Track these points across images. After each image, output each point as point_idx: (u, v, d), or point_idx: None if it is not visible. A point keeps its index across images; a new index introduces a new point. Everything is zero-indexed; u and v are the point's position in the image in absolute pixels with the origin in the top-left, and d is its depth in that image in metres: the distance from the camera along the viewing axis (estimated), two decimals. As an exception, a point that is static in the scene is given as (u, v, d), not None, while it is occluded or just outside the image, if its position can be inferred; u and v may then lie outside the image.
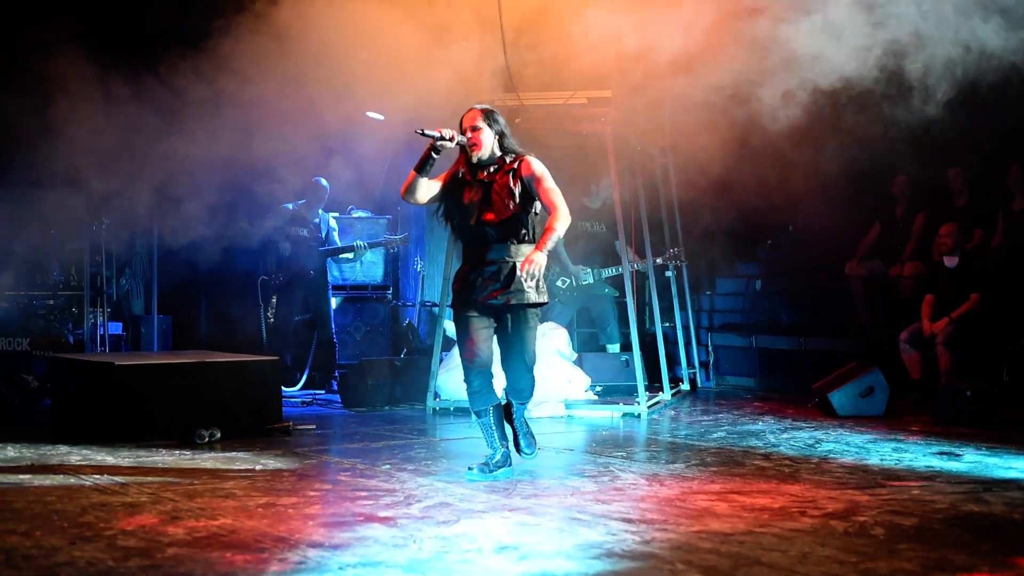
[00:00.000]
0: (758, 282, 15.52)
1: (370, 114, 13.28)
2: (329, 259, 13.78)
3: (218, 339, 14.19)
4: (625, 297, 11.89)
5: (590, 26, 10.88)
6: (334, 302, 14.05)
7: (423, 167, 7.81)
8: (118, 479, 7.67)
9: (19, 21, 11.78)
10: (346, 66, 11.21)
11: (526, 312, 7.93)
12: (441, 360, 11.82)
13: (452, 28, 11.22)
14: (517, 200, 7.75)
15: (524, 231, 7.80)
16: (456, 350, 11.71)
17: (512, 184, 7.76)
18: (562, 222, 7.58)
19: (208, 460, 8.56)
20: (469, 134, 7.82)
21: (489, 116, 7.89)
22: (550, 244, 7.50)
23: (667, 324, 13.77)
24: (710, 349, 14.80)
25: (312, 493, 7.25)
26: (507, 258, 7.76)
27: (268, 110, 11.63)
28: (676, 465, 8.39)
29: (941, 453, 8.83)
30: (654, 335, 12.96)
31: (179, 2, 11.68)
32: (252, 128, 11.64)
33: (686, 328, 14.24)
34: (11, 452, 8.81)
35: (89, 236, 12.98)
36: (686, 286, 14.43)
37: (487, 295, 7.79)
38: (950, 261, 11.65)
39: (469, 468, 7.87)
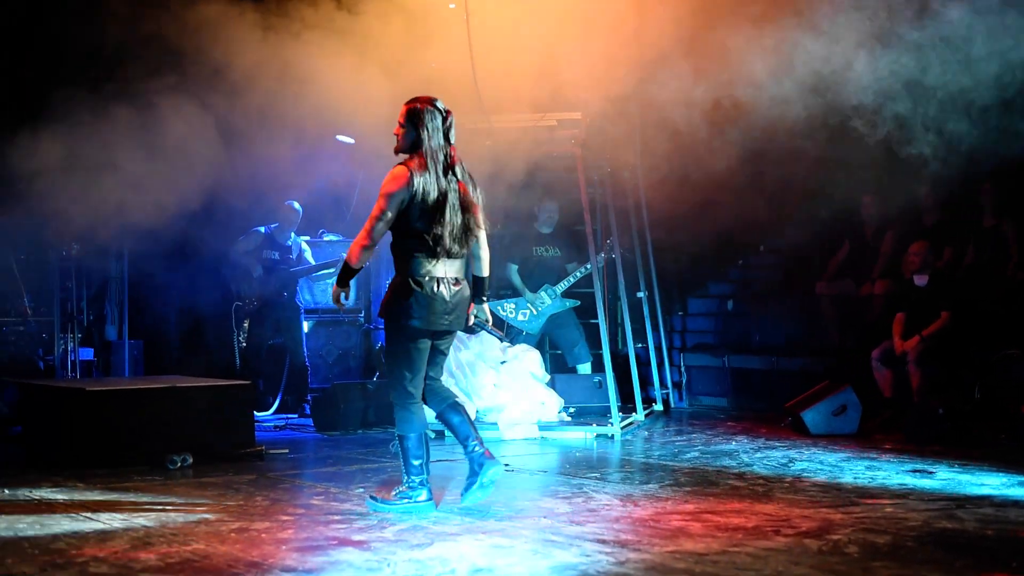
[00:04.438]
0: (730, 302, 15.55)
1: (340, 137, 13.28)
2: (301, 283, 13.74)
3: (190, 364, 14.12)
4: (596, 317, 11.86)
5: (561, 47, 10.91)
6: (306, 326, 14.00)
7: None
8: (90, 505, 7.63)
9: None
10: (315, 90, 11.21)
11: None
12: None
13: (421, 51, 11.23)
14: None
15: (392, 254, 7.55)
16: None
17: None
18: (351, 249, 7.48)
19: (180, 485, 8.52)
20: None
21: (417, 114, 7.53)
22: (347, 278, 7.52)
23: (639, 345, 13.78)
24: (683, 369, 14.81)
25: (285, 517, 7.22)
26: None
27: (240, 133, 11.61)
28: (650, 486, 8.39)
29: (914, 471, 8.86)
30: (626, 356, 12.94)
31: (153, 22, 11.59)
32: (224, 151, 11.60)
33: (658, 349, 14.25)
34: (-19, 479, 8.76)
35: (59, 261, 12.90)
36: (658, 307, 14.44)
37: None
38: (920, 279, 11.69)
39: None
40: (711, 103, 11.20)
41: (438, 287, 7.41)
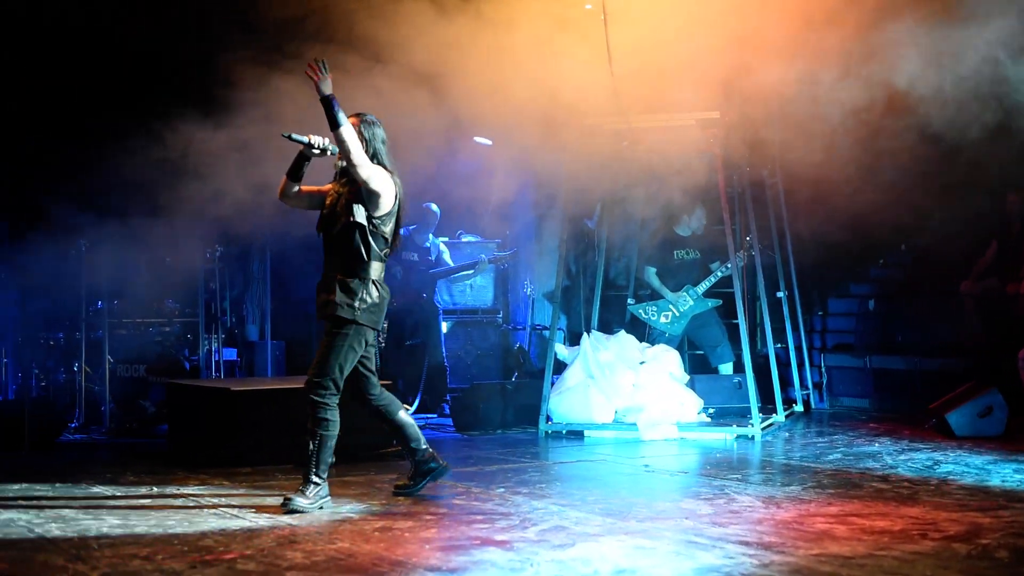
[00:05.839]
0: (871, 302, 15.33)
1: (478, 139, 13.34)
2: (440, 284, 13.84)
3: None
4: (736, 317, 11.77)
5: (699, 46, 10.84)
6: (444, 326, 14.10)
7: (293, 173, 7.84)
8: (236, 503, 7.76)
9: (131, 52, 11.96)
10: (453, 91, 11.25)
11: (331, 326, 7.77)
12: (552, 383, 11.81)
13: (558, 51, 11.22)
14: (353, 214, 7.68)
15: (354, 249, 7.70)
16: (568, 373, 11.73)
17: (353, 195, 7.74)
18: (345, 137, 7.49)
19: (323, 484, 8.62)
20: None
21: (364, 126, 7.82)
22: (337, 119, 7.45)
23: (779, 345, 13.66)
24: (823, 370, 14.65)
25: (428, 517, 7.27)
26: (332, 273, 7.79)
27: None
28: (792, 487, 8.31)
29: (1064, 474, 8.68)
30: (766, 357, 12.84)
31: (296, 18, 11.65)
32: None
33: (799, 349, 14.11)
34: (130, 477, 8.95)
35: (203, 263, 13.11)
36: (798, 307, 14.30)
37: (318, 310, 7.87)
38: (1068, 278, 11.45)
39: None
40: (856, 101, 11.06)
41: (384, 290, 7.85)
